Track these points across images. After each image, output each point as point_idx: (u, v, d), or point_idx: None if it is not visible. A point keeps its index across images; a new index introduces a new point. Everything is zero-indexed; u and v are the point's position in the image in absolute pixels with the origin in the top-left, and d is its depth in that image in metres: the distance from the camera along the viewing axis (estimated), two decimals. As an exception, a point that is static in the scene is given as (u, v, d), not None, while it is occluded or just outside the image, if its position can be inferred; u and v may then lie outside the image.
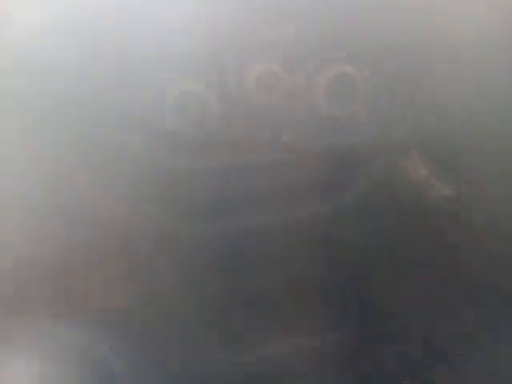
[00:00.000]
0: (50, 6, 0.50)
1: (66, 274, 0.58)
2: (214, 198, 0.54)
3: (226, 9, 0.51)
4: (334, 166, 0.56)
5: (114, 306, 0.62)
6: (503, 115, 0.58)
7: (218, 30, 0.51)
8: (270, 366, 0.66)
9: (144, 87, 0.49)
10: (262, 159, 0.52)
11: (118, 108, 0.51)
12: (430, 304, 0.69)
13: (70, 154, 0.52)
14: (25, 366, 0.49)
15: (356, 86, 0.52)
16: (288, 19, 0.51)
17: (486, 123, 0.59)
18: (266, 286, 0.65)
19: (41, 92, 0.50)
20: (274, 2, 0.51)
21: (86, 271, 0.60)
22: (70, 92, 0.50)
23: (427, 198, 0.67)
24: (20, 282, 0.56)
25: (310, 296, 0.68)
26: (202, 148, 0.51)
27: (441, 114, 0.56)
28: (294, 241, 0.61)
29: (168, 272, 0.63)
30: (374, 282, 0.70)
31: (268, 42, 0.51)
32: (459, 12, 0.54)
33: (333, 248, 0.66)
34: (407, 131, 0.55)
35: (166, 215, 0.55)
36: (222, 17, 0.51)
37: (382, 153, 0.56)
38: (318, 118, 0.52)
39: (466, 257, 0.69)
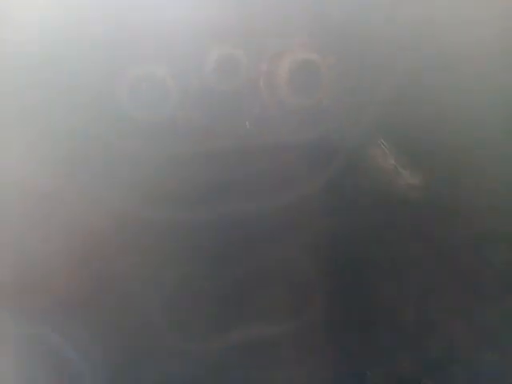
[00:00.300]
0: None
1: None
2: (169, 184, 0.52)
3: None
4: (297, 155, 0.55)
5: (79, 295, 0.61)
6: (472, 103, 0.57)
7: (179, 15, 0.49)
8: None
9: (102, 70, 0.48)
10: (222, 147, 0.51)
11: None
12: (395, 288, 0.69)
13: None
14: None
15: (320, 74, 0.51)
16: (250, 4, 0.50)
17: (453, 110, 0.57)
18: (231, 273, 0.64)
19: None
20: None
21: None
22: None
23: (394, 186, 0.66)
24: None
25: (279, 282, 0.67)
26: (160, 134, 0.49)
27: (407, 102, 0.55)
28: (260, 228, 0.60)
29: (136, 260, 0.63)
30: (342, 266, 0.69)
31: (229, 26, 0.50)
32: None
33: (300, 236, 0.65)
34: (373, 119, 0.54)
35: (129, 202, 0.54)
36: (183, 2, 0.50)
37: (346, 142, 0.55)
38: (281, 105, 0.51)
39: (431, 245, 0.68)
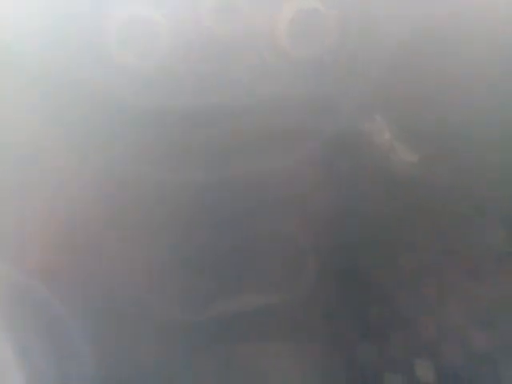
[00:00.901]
0: None
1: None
2: (159, 139, 0.50)
3: None
4: (295, 114, 0.52)
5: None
6: (474, 81, 0.55)
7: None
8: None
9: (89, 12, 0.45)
10: (218, 99, 0.48)
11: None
12: (390, 266, 0.68)
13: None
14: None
15: (323, 25, 0.48)
16: None
17: (457, 85, 0.55)
18: (225, 242, 0.63)
19: None
20: None
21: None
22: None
23: (389, 161, 0.64)
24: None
25: (269, 253, 0.66)
26: (151, 83, 0.46)
27: (409, 68, 0.52)
28: (253, 195, 0.58)
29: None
30: (333, 239, 0.68)
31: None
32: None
33: (293, 205, 0.63)
34: (375, 77, 0.52)
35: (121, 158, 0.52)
36: None
37: (346, 105, 0.52)
38: (280, 57, 0.48)
39: (425, 219, 0.67)
